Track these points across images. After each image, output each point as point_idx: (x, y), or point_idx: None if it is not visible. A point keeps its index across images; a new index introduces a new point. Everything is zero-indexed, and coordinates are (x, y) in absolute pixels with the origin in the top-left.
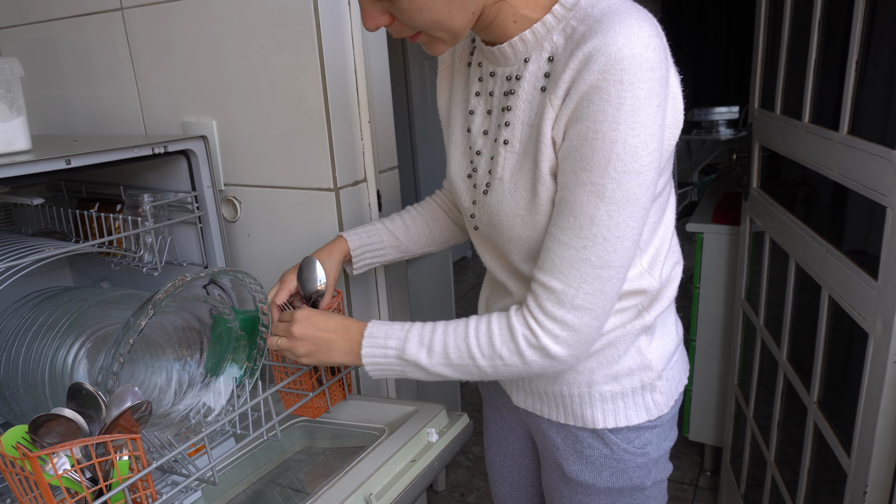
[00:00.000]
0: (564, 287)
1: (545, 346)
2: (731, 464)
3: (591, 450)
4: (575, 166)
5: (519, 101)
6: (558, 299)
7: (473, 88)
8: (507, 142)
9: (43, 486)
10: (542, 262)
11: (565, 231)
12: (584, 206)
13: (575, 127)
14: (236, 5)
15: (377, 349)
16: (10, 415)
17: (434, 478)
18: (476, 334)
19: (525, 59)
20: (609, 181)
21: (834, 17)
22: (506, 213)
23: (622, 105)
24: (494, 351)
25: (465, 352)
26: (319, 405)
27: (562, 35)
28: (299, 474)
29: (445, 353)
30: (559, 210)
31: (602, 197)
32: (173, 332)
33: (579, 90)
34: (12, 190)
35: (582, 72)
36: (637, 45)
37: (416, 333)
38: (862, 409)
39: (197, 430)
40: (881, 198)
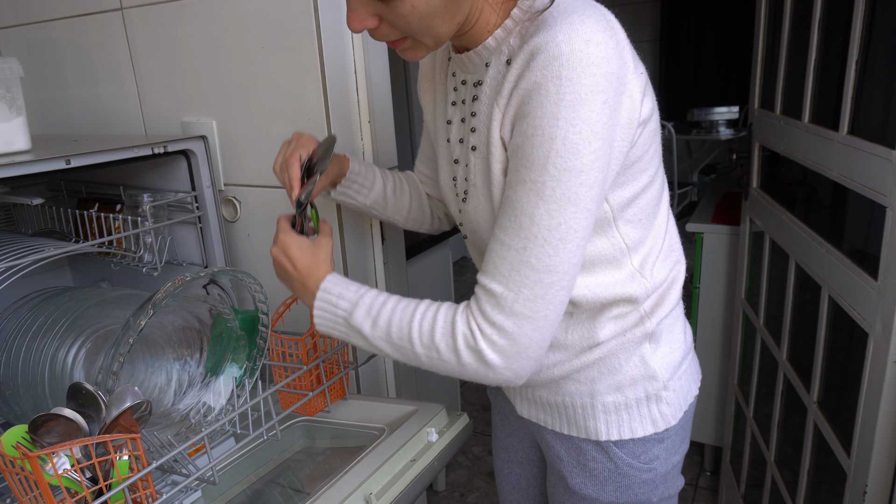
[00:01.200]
0: (504, 290)
1: (481, 350)
2: (731, 464)
3: (594, 463)
4: (517, 164)
5: (481, 106)
6: (498, 303)
7: (450, 98)
8: (474, 148)
9: (43, 486)
10: (485, 264)
11: (506, 231)
12: (525, 205)
13: (519, 125)
14: (236, 5)
15: (328, 306)
16: (10, 415)
17: (434, 477)
18: (420, 320)
19: (486, 65)
20: (549, 178)
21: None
22: (482, 218)
23: (561, 101)
24: (433, 342)
25: (406, 335)
26: (318, 404)
27: (518, 37)
28: (299, 474)
29: (388, 329)
30: (503, 209)
31: (542, 195)
32: (173, 331)
33: (521, 88)
34: (12, 190)
35: (524, 70)
36: (577, 40)
37: (367, 302)
38: (862, 409)
39: (197, 429)
40: (881, 198)
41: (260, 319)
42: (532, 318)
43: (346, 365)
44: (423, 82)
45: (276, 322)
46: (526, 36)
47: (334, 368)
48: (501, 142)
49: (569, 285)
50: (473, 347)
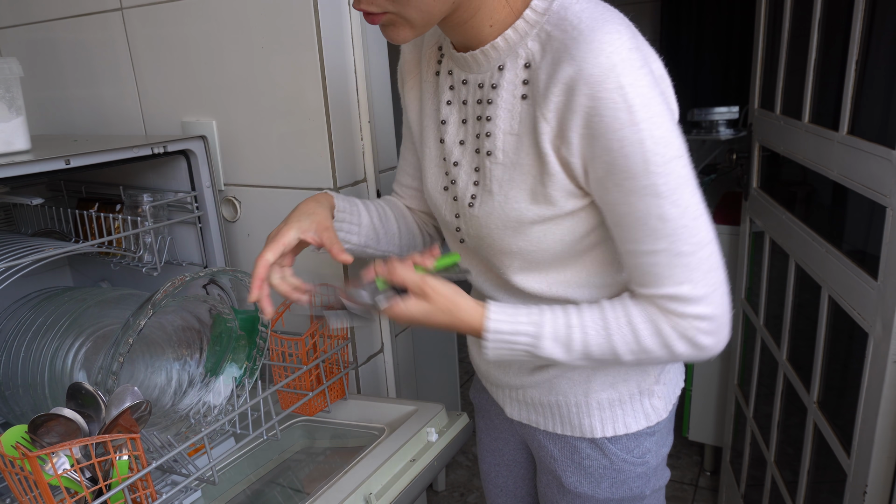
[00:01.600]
0: (677, 289)
1: (695, 340)
2: (731, 464)
3: (589, 460)
4: (617, 180)
5: (498, 110)
6: (682, 301)
7: (444, 97)
8: (490, 153)
9: (42, 486)
10: (643, 279)
11: (644, 241)
12: (648, 210)
13: (595, 144)
14: (236, 5)
15: (503, 343)
16: (10, 415)
17: (434, 477)
18: (620, 332)
19: (499, 67)
20: (656, 177)
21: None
22: (496, 225)
23: (632, 106)
24: (642, 348)
25: (609, 350)
26: (318, 403)
27: (536, 41)
28: (299, 474)
29: (587, 352)
30: (624, 227)
31: (658, 195)
32: (173, 331)
33: (580, 106)
34: (12, 190)
35: (575, 88)
36: (621, 50)
37: (550, 330)
38: (862, 408)
39: (196, 429)
40: (881, 198)
41: (260, 319)
42: (717, 288)
43: (346, 365)
44: (407, 79)
45: (275, 322)
46: (551, 42)
47: (334, 368)
48: (555, 154)
49: (717, 244)
50: (688, 340)
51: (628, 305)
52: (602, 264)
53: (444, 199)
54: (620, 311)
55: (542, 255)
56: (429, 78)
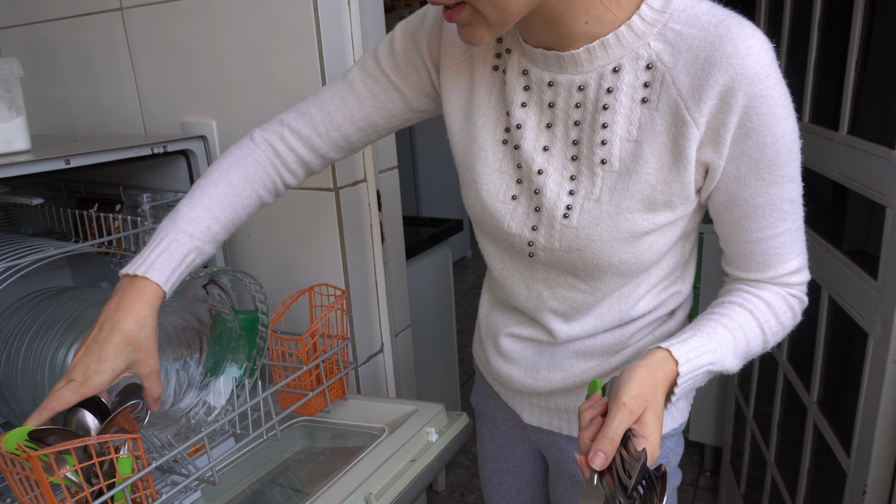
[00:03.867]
0: (797, 262)
1: (804, 300)
2: (731, 464)
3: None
4: (762, 173)
5: (617, 115)
6: (798, 272)
7: (517, 99)
8: (605, 161)
9: (44, 486)
10: (766, 262)
11: (774, 226)
12: (785, 195)
13: (746, 143)
14: (236, 5)
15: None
16: (10, 415)
17: (434, 477)
18: (765, 320)
19: (614, 69)
20: (795, 163)
21: (833, 17)
22: (601, 236)
23: (785, 99)
24: (780, 325)
25: (761, 339)
26: (318, 404)
27: (660, 40)
28: (299, 474)
29: (748, 350)
30: (755, 217)
31: (794, 178)
32: (173, 331)
33: (738, 107)
34: (12, 190)
35: (736, 88)
36: (768, 46)
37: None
38: (861, 408)
39: (196, 429)
40: (881, 198)
41: (259, 319)
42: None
43: (346, 365)
44: (448, 65)
45: (275, 322)
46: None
47: (334, 368)
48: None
49: None
50: (802, 305)
51: (758, 293)
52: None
53: (510, 210)
54: (757, 301)
55: (637, 267)
56: (484, 71)
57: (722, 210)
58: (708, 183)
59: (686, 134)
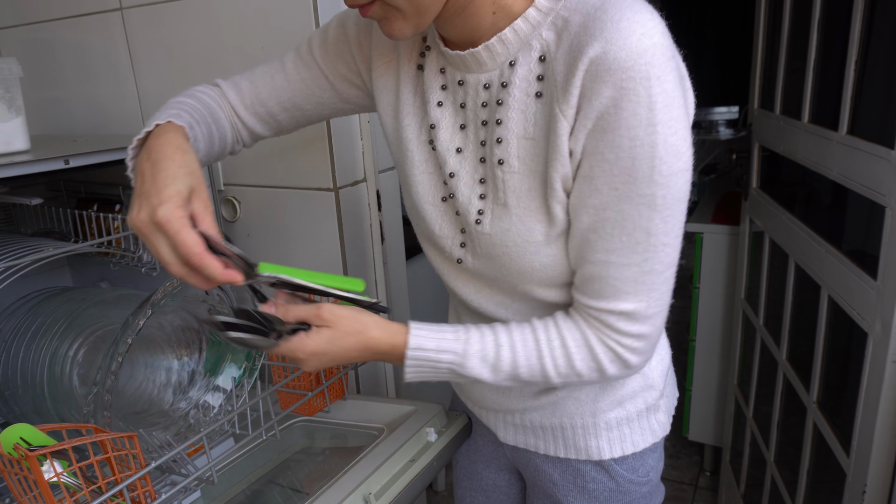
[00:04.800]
0: (636, 305)
1: (626, 359)
2: (731, 464)
3: (594, 483)
4: (614, 181)
5: (511, 111)
6: (633, 317)
7: (434, 97)
8: (502, 161)
9: (42, 486)
10: (601, 290)
11: (620, 252)
12: (637, 221)
13: (603, 139)
14: (236, 5)
15: (426, 364)
16: (9, 415)
17: (433, 477)
18: (551, 354)
19: (510, 63)
20: (658, 188)
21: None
22: (514, 242)
23: (654, 104)
24: (573, 370)
25: (538, 371)
26: (317, 404)
27: (551, 30)
28: (298, 474)
29: (514, 371)
30: (602, 234)
31: (654, 207)
32: (172, 331)
33: (600, 96)
34: (11, 190)
35: (598, 74)
36: (654, 33)
37: (477, 350)
38: (861, 408)
39: (196, 429)
40: (880, 198)
41: None
42: (663, 311)
43: (346, 365)
44: (378, 63)
45: None
46: (568, 27)
47: (333, 368)
48: (569, 154)
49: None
50: (619, 360)
51: (562, 327)
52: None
53: (439, 213)
54: (554, 333)
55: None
56: (409, 70)
57: (573, 216)
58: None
59: (557, 129)
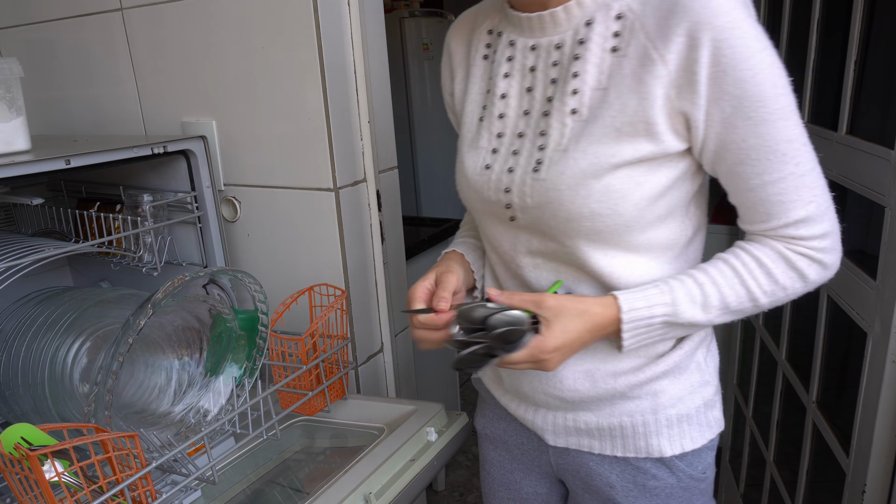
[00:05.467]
0: (806, 210)
1: (821, 260)
2: (731, 463)
3: (655, 481)
4: (746, 112)
5: (587, 65)
6: (809, 222)
7: (501, 71)
8: (575, 111)
9: (43, 486)
10: (770, 211)
11: (773, 170)
12: (779, 135)
13: (725, 79)
14: (236, 5)
15: (641, 324)
16: (10, 415)
17: (433, 477)
18: (751, 275)
19: (587, 23)
20: (783, 99)
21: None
22: (567, 185)
23: (758, 31)
24: (777, 285)
25: (745, 296)
26: (317, 403)
27: None
28: (299, 474)
29: (724, 304)
30: (750, 162)
31: (786, 116)
32: (173, 331)
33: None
34: (12, 190)
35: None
36: None
37: (682, 294)
38: (861, 408)
39: (196, 429)
40: (880, 198)
41: (259, 319)
42: (830, 204)
43: (346, 365)
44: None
45: (275, 322)
46: None
47: (334, 368)
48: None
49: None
50: (816, 263)
51: (751, 249)
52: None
53: (486, 179)
54: (746, 257)
55: (613, 221)
56: (476, 63)
57: (717, 160)
58: (694, 134)
59: (652, 70)
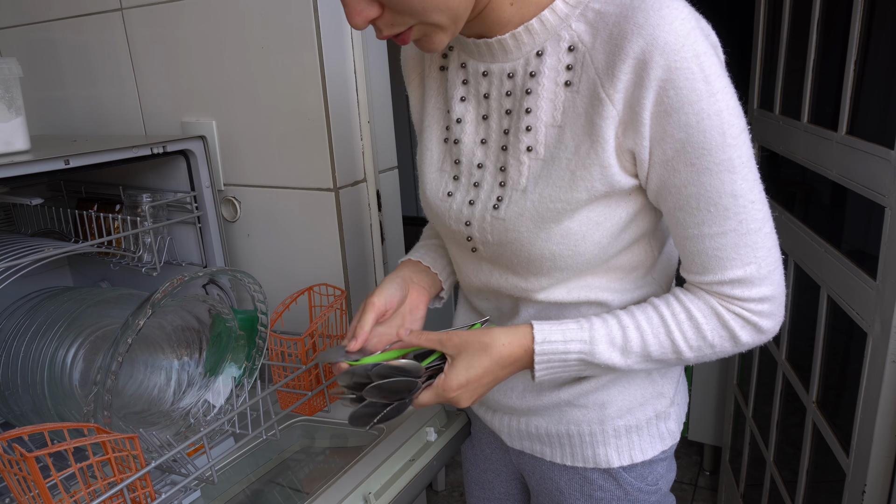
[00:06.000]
0: (745, 271)
1: (757, 324)
2: (731, 463)
3: (602, 492)
4: (690, 158)
5: (540, 100)
6: (747, 283)
7: (456, 93)
8: (530, 148)
9: (41, 487)
10: (706, 264)
11: (712, 223)
12: (721, 188)
13: (668, 121)
14: (236, 5)
15: (555, 357)
16: (9, 415)
17: (433, 477)
18: (679, 327)
19: (538, 53)
20: (732, 150)
21: (833, 16)
22: (527, 227)
23: (709, 75)
24: (705, 341)
25: (670, 347)
26: (317, 403)
27: (582, 21)
28: (298, 474)
29: (645, 352)
30: (690, 210)
31: (733, 170)
32: (172, 331)
33: (654, 81)
34: (11, 190)
35: (649, 60)
36: (690, 16)
37: (603, 334)
38: (860, 408)
39: (196, 429)
40: (880, 198)
41: (259, 319)
42: (777, 266)
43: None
44: (411, 76)
45: (275, 322)
46: (603, 19)
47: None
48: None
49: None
50: (749, 325)
51: (684, 300)
52: (626, 270)
53: (447, 206)
54: (678, 307)
55: (575, 261)
56: (432, 73)
57: (659, 200)
58: (639, 169)
59: (602, 112)
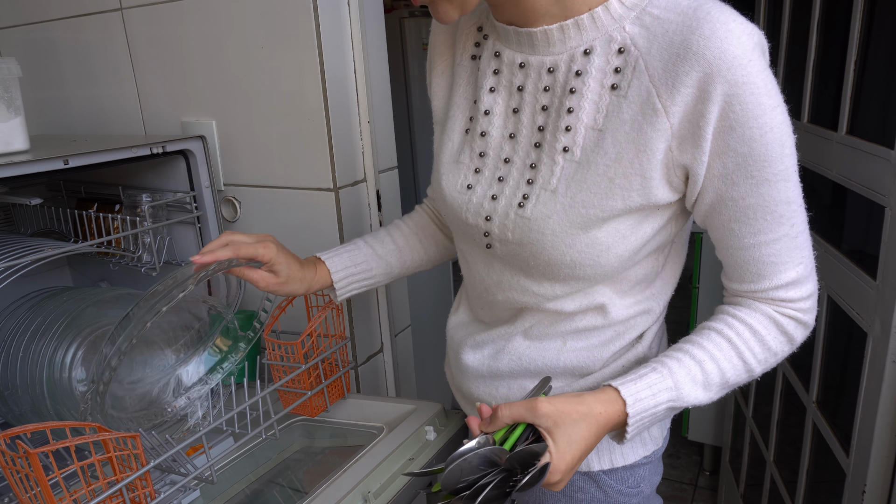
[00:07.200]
0: (796, 272)
1: (805, 321)
2: (731, 463)
3: (582, 494)
4: (750, 170)
5: (584, 101)
6: (798, 284)
7: (486, 84)
8: (567, 149)
9: (43, 484)
10: (761, 271)
11: (768, 231)
12: (778, 196)
13: (732, 136)
14: (236, 5)
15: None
16: (9, 415)
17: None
18: (747, 346)
19: (585, 51)
20: (788, 160)
21: (833, 16)
22: (553, 230)
23: (771, 88)
24: (770, 352)
25: (742, 368)
26: (318, 404)
27: (637, 24)
28: (298, 473)
29: (724, 380)
30: (746, 220)
31: (788, 178)
32: (171, 330)
33: (719, 96)
34: (10, 190)
35: (714, 75)
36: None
37: (683, 375)
38: (861, 408)
39: (195, 428)
40: (880, 198)
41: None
42: (814, 262)
43: (345, 364)
44: (436, 62)
45: (274, 322)
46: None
47: (333, 368)
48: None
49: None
50: (801, 325)
51: (743, 317)
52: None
53: (465, 199)
54: (740, 326)
55: (594, 271)
56: (463, 62)
57: (712, 213)
58: (691, 187)
59: (654, 123)
